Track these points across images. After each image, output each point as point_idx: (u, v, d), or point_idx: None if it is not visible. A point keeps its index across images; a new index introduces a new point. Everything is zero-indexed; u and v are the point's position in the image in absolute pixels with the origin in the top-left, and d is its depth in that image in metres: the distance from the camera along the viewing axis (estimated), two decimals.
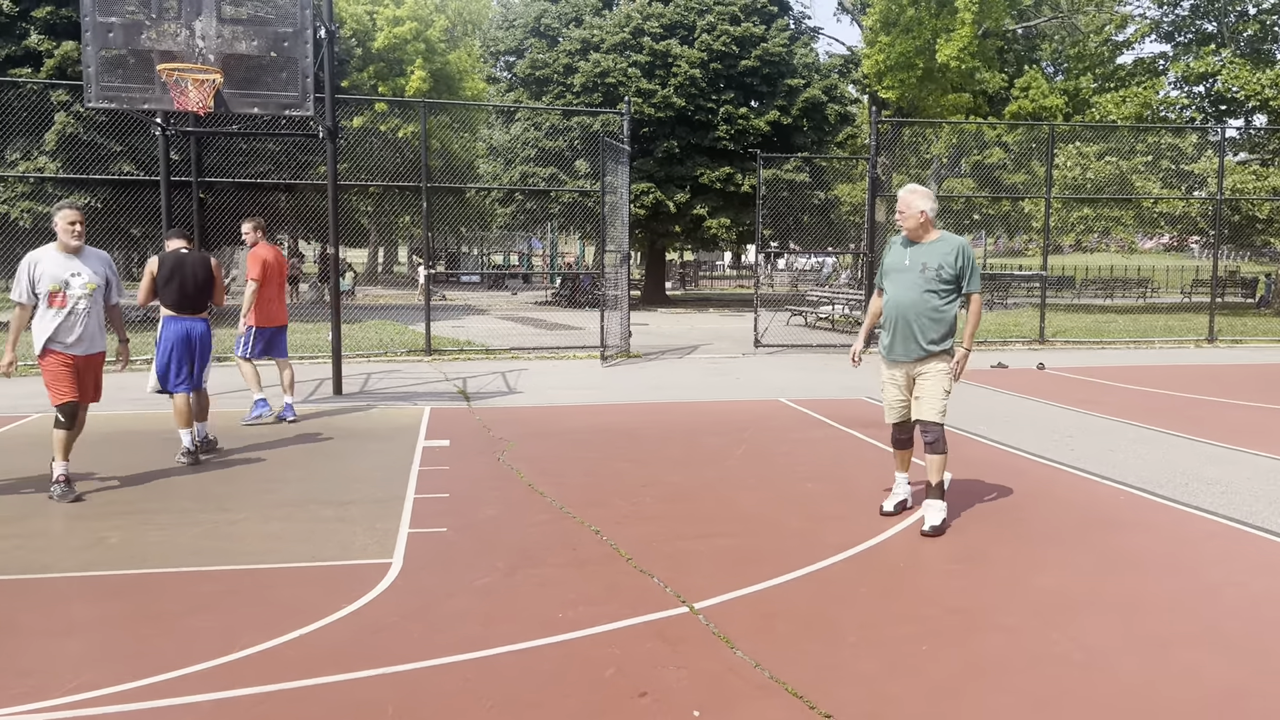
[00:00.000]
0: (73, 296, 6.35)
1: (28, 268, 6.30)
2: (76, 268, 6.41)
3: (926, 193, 5.71)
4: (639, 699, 3.57)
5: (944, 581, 4.87)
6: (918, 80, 27.54)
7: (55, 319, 6.32)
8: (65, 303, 6.34)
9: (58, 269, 6.35)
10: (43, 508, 6.11)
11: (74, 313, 6.36)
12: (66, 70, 17.27)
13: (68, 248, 6.42)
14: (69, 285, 6.35)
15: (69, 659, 3.85)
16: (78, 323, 6.38)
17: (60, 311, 6.33)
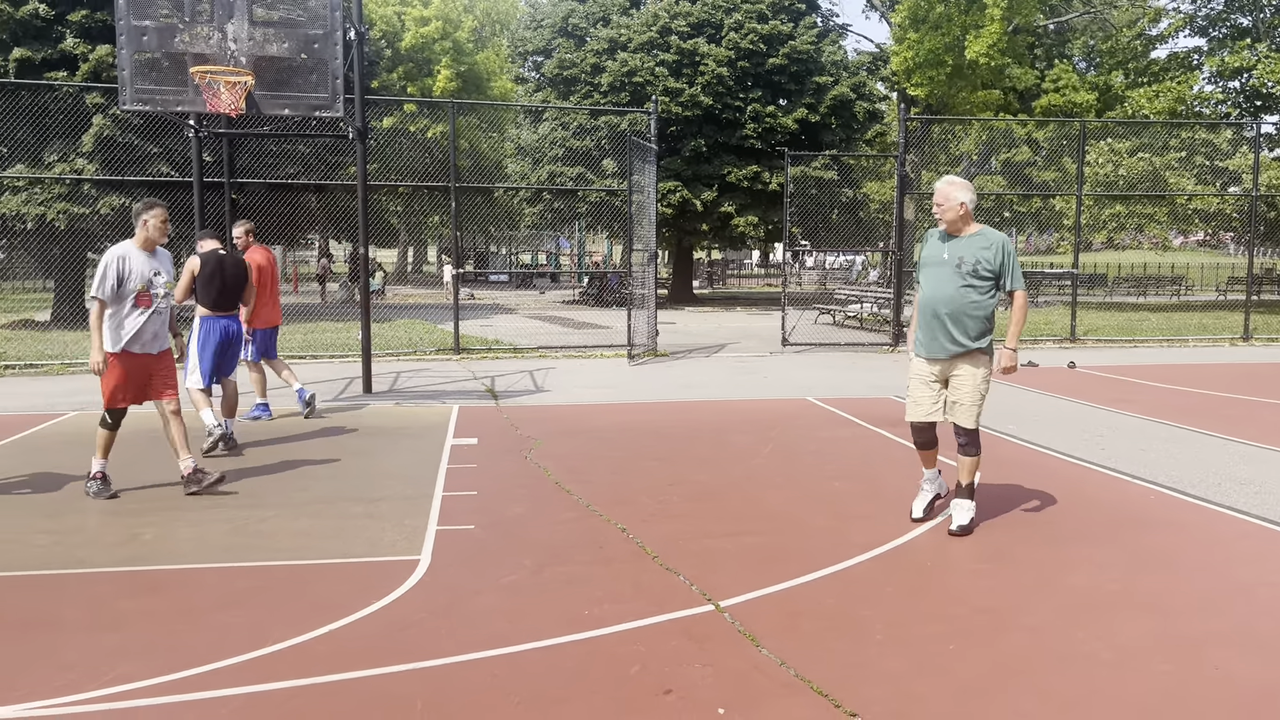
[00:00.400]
0: (156, 296, 6.31)
1: (116, 264, 6.14)
2: (156, 266, 6.35)
3: (965, 184, 5.55)
4: (664, 696, 3.60)
5: (971, 581, 4.86)
6: (947, 77, 27.32)
7: (139, 319, 6.22)
8: (150, 302, 6.27)
9: (144, 267, 6.26)
10: (78, 504, 6.21)
11: (157, 312, 6.32)
12: (102, 74, 17.52)
13: (152, 246, 6.35)
14: (152, 284, 6.29)
15: (106, 653, 3.93)
16: (157, 322, 6.34)
17: (145, 312, 6.24)
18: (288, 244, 28.11)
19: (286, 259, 47.46)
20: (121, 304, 6.17)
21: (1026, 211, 40.54)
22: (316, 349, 15.39)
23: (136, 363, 6.27)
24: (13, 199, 17.42)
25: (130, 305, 6.18)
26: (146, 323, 6.25)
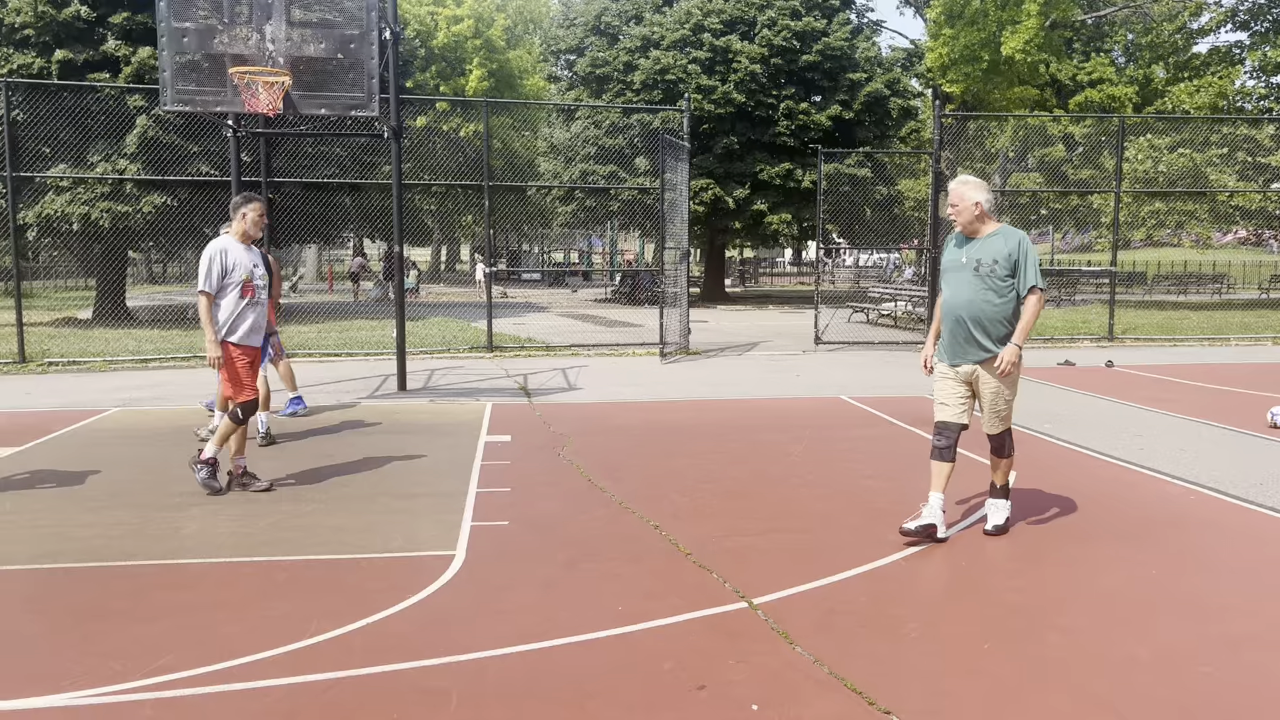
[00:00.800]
0: (258, 287, 6.38)
1: (219, 257, 6.24)
2: (255, 259, 6.44)
3: (979, 183, 5.40)
4: (697, 692, 3.62)
5: (1007, 580, 4.84)
6: (982, 73, 27.09)
7: (244, 309, 6.30)
8: (254, 293, 6.35)
9: (245, 258, 6.35)
10: (121, 498, 6.33)
11: (259, 303, 6.39)
12: (144, 76, 17.78)
13: (250, 239, 6.45)
14: (254, 276, 6.37)
15: (151, 643, 4.01)
16: (259, 314, 6.42)
17: (250, 302, 6.33)
18: (323, 243, 28.37)
19: (321, 258, 47.93)
20: (226, 295, 6.27)
21: (1064, 209, 40.10)
22: (352, 347, 15.55)
23: (247, 356, 6.38)
24: (58, 199, 17.72)
25: (236, 296, 6.28)
26: (249, 312, 6.34)
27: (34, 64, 17.72)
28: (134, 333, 17.90)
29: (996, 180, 36.75)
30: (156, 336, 17.26)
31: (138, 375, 12.57)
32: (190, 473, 6.50)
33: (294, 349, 14.96)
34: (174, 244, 21.72)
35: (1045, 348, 16.22)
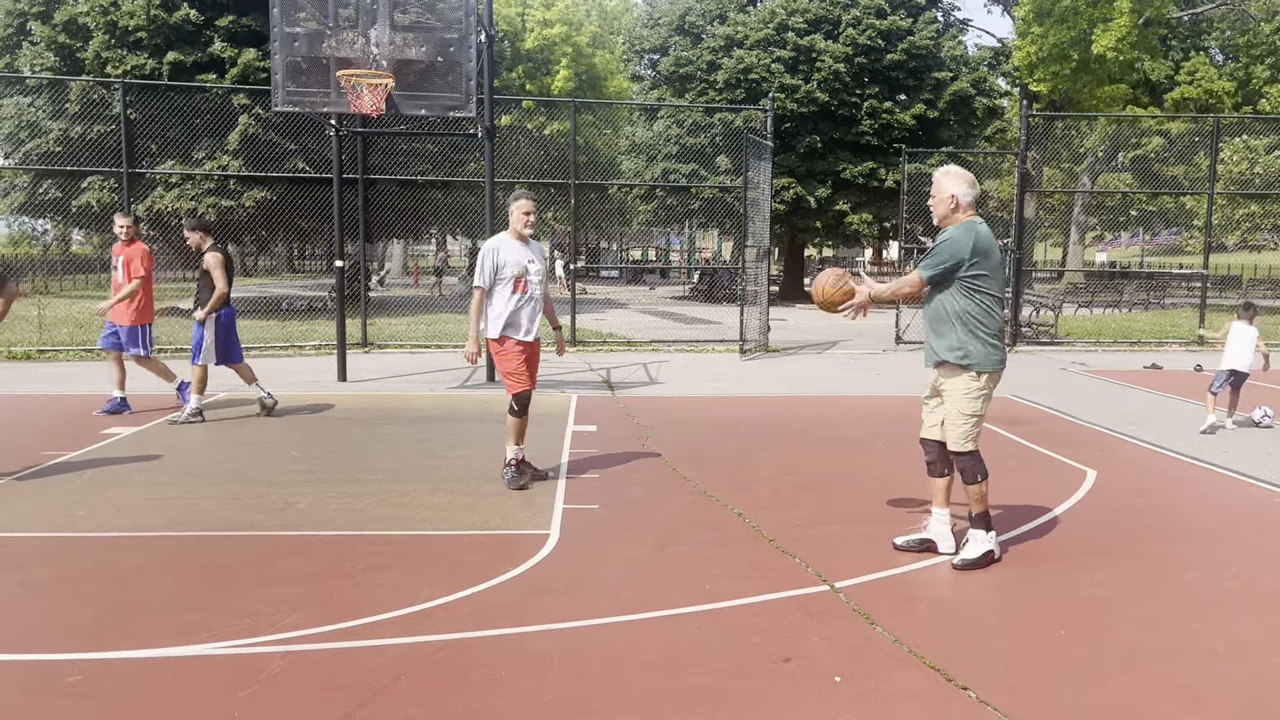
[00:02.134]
0: (532, 283, 6.49)
1: (491, 254, 6.42)
2: (531, 255, 6.55)
3: (960, 174, 5.00)
4: (783, 664, 3.84)
5: (1086, 573, 4.95)
6: (1072, 72, 26.64)
7: (518, 304, 6.44)
8: (527, 289, 6.46)
9: (519, 256, 6.48)
10: (237, 474, 6.77)
11: (532, 299, 6.50)
12: (249, 77, 18.56)
13: (521, 236, 6.55)
14: (528, 271, 6.47)
15: (277, 603, 4.37)
16: (536, 309, 6.55)
17: (523, 297, 6.45)
18: (409, 239, 29.11)
19: (406, 253, 49.03)
20: (498, 292, 6.44)
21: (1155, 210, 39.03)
22: (440, 339, 16.05)
23: (521, 350, 6.51)
24: (167, 194, 18.60)
25: (508, 292, 6.43)
26: (521, 308, 6.46)
27: (146, 65, 18.65)
28: None
29: (1085, 181, 36.06)
30: (254, 326, 17.99)
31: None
32: (315, 456, 6.89)
33: (385, 340, 15.52)
34: (272, 237, 22.58)
35: (1133, 351, 15.99)
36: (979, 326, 4.88)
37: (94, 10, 18.63)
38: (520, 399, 6.46)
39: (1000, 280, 4.99)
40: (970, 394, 4.92)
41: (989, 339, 4.91)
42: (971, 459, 4.98)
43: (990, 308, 4.91)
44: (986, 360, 4.90)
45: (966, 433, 4.94)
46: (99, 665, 3.75)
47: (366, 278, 22.58)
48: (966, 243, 4.83)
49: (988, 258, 4.86)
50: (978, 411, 4.94)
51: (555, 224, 40.93)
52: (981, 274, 4.85)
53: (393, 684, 3.62)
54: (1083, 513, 6.09)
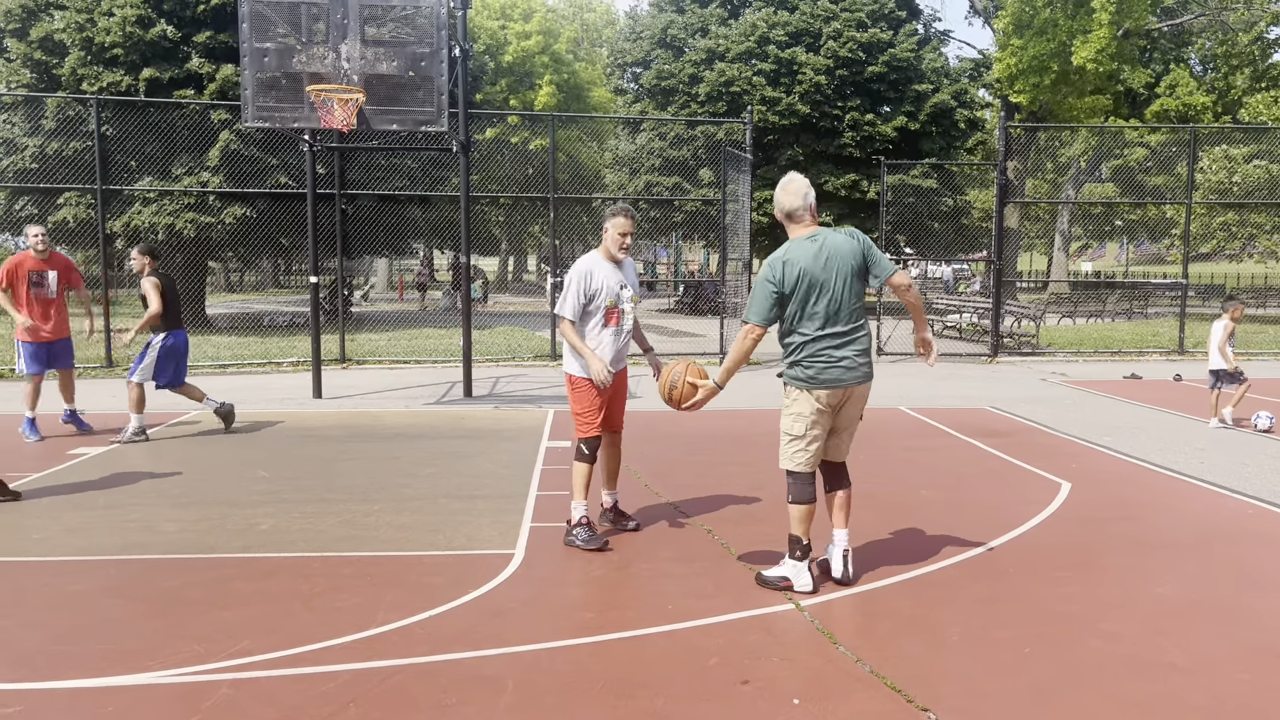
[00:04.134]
0: (625, 313, 5.60)
1: (582, 279, 5.47)
2: (624, 279, 5.61)
3: (782, 186, 4.76)
4: (741, 686, 3.77)
5: (1052, 588, 4.90)
6: (1052, 83, 26.76)
7: (605, 339, 5.54)
8: (620, 320, 5.56)
9: (613, 281, 5.53)
10: (202, 495, 6.67)
11: (623, 331, 5.61)
12: (228, 93, 18.47)
13: (615, 258, 5.61)
14: (620, 300, 5.56)
15: (230, 628, 4.28)
16: (624, 342, 5.66)
17: (615, 330, 5.56)
18: (393, 253, 29.02)
19: (391, 268, 48.92)
20: (588, 322, 5.55)
21: (1138, 220, 39.23)
22: (420, 354, 15.95)
23: (604, 389, 5.54)
24: (144, 210, 18.48)
25: (599, 323, 5.53)
26: (610, 342, 5.55)
27: (122, 82, 18.54)
28: (213, 339, 18.56)
29: (1069, 191, 36.21)
30: (233, 343, 17.88)
31: (216, 380, 13.08)
32: (287, 476, 6.80)
33: (364, 356, 15.42)
34: (252, 253, 22.47)
35: (1113, 361, 16.00)
36: (787, 338, 4.79)
37: (70, 27, 18.53)
38: (590, 444, 5.56)
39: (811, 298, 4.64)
40: (785, 408, 4.85)
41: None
42: (787, 477, 4.82)
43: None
44: (785, 378, 4.83)
45: (785, 450, 4.82)
46: (39, 695, 3.65)
47: (348, 293, 22.49)
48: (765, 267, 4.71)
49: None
50: (790, 428, 4.78)
51: (542, 237, 40.90)
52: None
53: (340, 711, 3.54)
54: (1054, 526, 6.05)
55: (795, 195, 4.73)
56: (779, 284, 4.63)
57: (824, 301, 4.62)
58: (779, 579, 4.79)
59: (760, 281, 4.68)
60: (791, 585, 4.77)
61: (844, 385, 4.69)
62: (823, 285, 4.62)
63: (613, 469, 5.88)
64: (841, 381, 4.68)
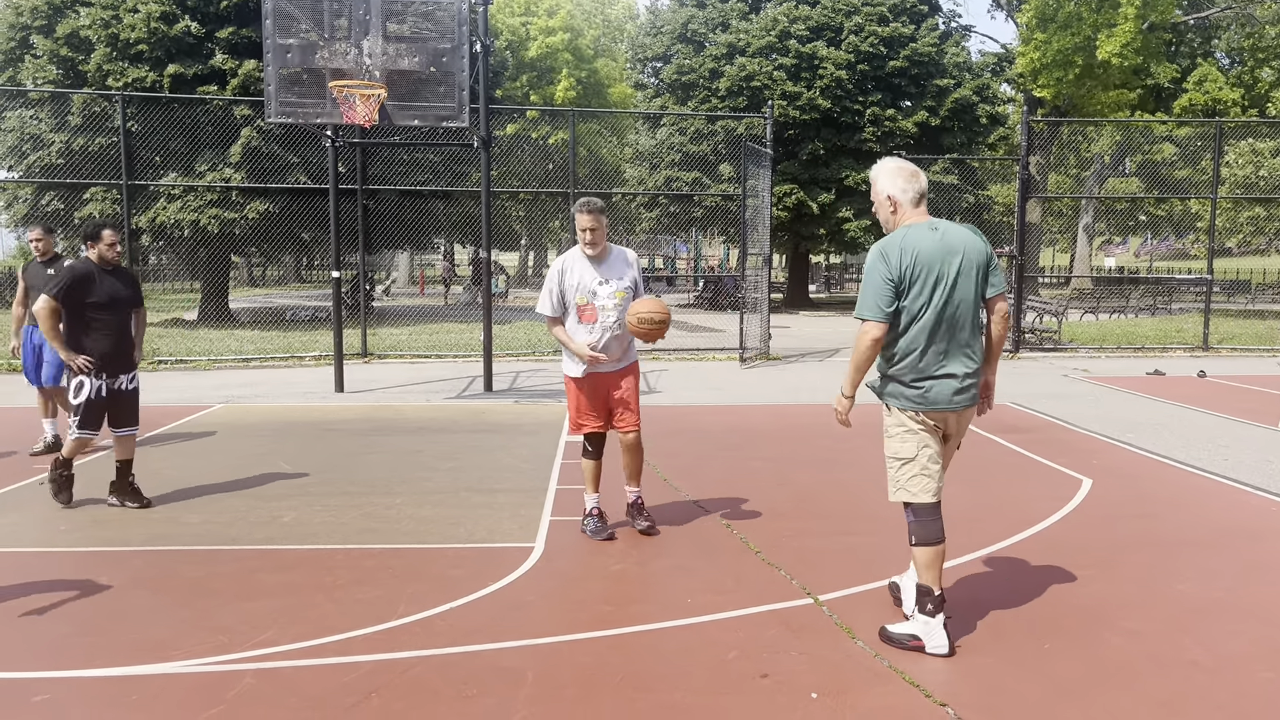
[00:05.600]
0: (601, 310, 5.46)
1: (557, 276, 5.52)
2: (602, 275, 5.51)
3: (896, 168, 4.15)
4: (760, 679, 3.78)
5: (1074, 584, 4.88)
6: (1076, 78, 26.52)
7: (583, 336, 5.48)
8: (595, 317, 5.47)
9: (587, 278, 5.50)
10: (225, 488, 6.74)
11: (602, 329, 5.47)
12: (249, 88, 18.59)
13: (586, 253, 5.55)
14: (595, 296, 5.48)
15: (253, 619, 4.33)
16: (606, 340, 5.49)
17: (591, 328, 5.48)
18: (415, 248, 29.15)
19: (413, 263, 49.15)
20: (569, 319, 5.55)
21: (1164, 214, 38.84)
22: (441, 349, 16.03)
23: (592, 383, 5.57)
24: (169, 206, 18.64)
25: (574, 320, 5.52)
26: (587, 338, 5.48)
27: (147, 77, 18.68)
28: (236, 333, 18.72)
29: (1093, 186, 35.93)
30: (256, 337, 18.03)
31: (239, 374, 13.20)
32: (305, 471, 6.85)
33: (386, 350, 15.51)
34: (274, 249, 22.62)
35: (1136, 357, 15.88)
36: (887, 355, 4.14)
37: (95, 24, 18.69)
38: (589, 439, 5.67)
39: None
40: (888, 432, 4.23)
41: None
42: (906, 512, 4.18)
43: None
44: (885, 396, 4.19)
45: (891, 479, 4.22)
46: (67, 684, 3.71)
47: (370, 287, 22.63)
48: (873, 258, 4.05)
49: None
50: (897, 452, 4.18)
51: (563, 233, 40.96)
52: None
53: (362, 702, 3.57)
54: (1075, 523, 6.02)
55: (913, 178, 4.08)
56: (893, 270, 3.94)
57: (942, 302, 3.95)
58: (907, 637, 4.07)
59: (871, 270, 4.01)
60: (923, 646, 4.01)
61: (956, 409, 4.08)
62: (941, 282, 3.95)
63: (632, 469, 5.78)
64: (953, 405, 4.05)
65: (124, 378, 6.27)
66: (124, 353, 6.24)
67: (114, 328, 6.15)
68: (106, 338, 6.10)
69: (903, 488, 4.13)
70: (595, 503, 5.71)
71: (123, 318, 6.24)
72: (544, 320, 5.67)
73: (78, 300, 6.03)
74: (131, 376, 6.34)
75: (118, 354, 6.18)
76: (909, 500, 4.11)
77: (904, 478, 4.13)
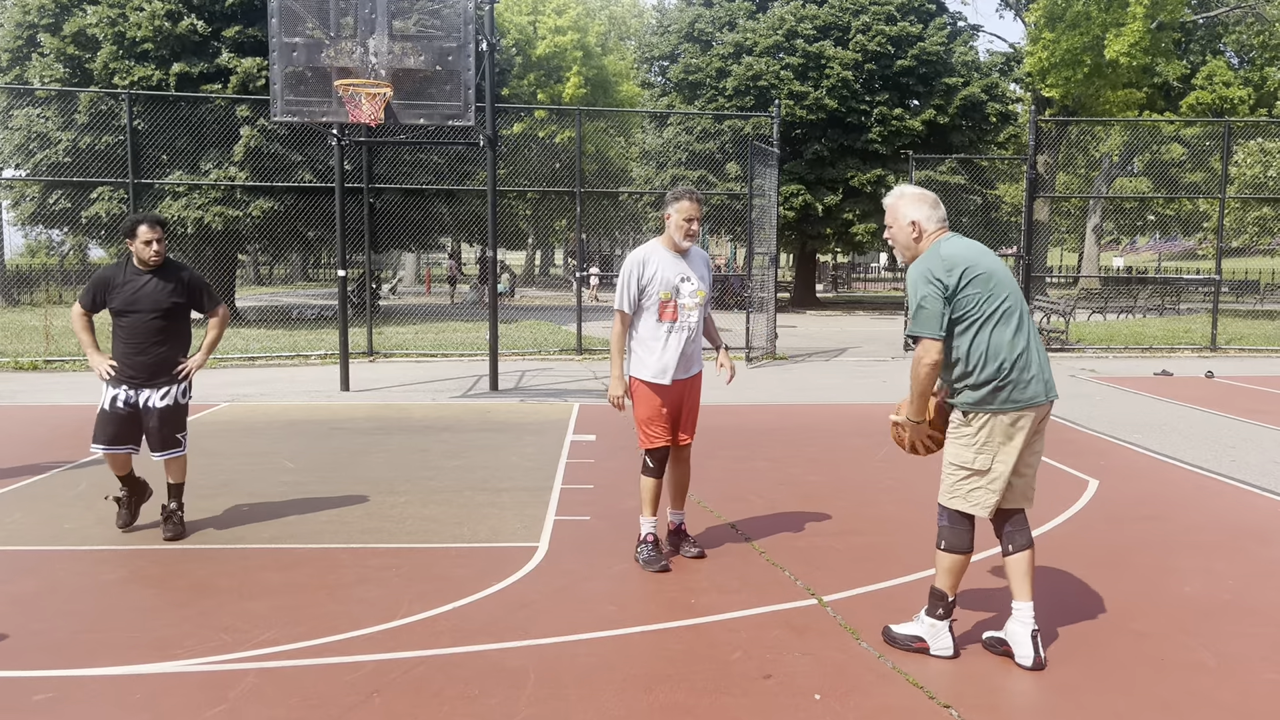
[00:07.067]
0: (684, 308, 5.08)
1: (635, 268, 5.05)
2: (686, 271, 5.10)
3: (919, 195, 4.06)
4: (763, 680, 3.77)
5: (1080, 586, 4.86)
6: (1084, 77, 26.44)
7: (662, 336, 5.06)
8: (676, 315, 5.07)
9: (670, 272, 5.06)
10: (230, 487, 6.74)
11: (684, 329, 5.08)
12: (248, 86, 18.62)
13: (678, 247, 5.12)
14: (679, 293, 5.08)
15: (257, 618, 4.33)
16: (686, 343, 5.10)
17: (671, 327, 5.06)
18: (421, 247, 29.17)
19: (419, 262, 49.21)
20: (641, 317, 5.10)
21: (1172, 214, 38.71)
22: (447, 348, 16.03)
23: (667, 394, 5.13)
24: (174, 204, 18.68)
25: (654, 318, 5.07)
26: (670, 340, 5.07)
27: (153, 76, 18.72)
28: (242, 331, 18.74)
29: (1101, 186, 35.81)
30: (263, 335, 18.06)
31: (246, 372, 13.22)
32: (315, 470, 6.85)
33: (391, 349, 15.52)
34: (280, 247, 22.66)
35: (1143, 357, 15.83)
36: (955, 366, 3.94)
37: (102, 22, 18.73)
38: (653, 455, 5.16)
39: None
40: (955, 443, 4.02)
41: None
42: (944, 515, 4.04)
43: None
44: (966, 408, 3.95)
45: (947, 488, 4.04)
46: (69, 682, 3.71)
47: (376, 286, 22.64)
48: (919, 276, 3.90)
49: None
50: (959, 459, 3.97)
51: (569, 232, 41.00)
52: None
53: (365, 702, 3.57)
54: (1081, 524, 5.99)
55: (936, 205, 4.04)
56: (943, 281, 3.79)
57: (1008, 298, 3.84)
58: (911, 638, 4.02)
59: (918, 285, 3.83)
60: (927, 648, 3.97)
61: (1046, 402, 3.90)
62: (999, 280, 3.85)
63: (679, 486, 5.37)
64: (1038, 399, 3.86)
65: (151, 392, 5.51)
66: (146, 364, 5.48)
67: (136, 335, 5.45)
68: (125, 345, 5.47)
69: (963, 498, 3.95)
70: (652, 528, 5.16)
71: (152, 325, 5.47)
72: (615, 316, 5.16)
73: (101, 305, 5.52)
74: (164, 393, 5.54)
75: (137, 364, 5.47)
76: (962, 509, 3.95)
77: (966, 488, 3.94)
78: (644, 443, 5.15)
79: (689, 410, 5.28)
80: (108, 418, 5.50)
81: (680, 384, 5.15)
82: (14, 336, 17.09)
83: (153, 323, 5.49)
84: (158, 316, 5.50)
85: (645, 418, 5.13)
